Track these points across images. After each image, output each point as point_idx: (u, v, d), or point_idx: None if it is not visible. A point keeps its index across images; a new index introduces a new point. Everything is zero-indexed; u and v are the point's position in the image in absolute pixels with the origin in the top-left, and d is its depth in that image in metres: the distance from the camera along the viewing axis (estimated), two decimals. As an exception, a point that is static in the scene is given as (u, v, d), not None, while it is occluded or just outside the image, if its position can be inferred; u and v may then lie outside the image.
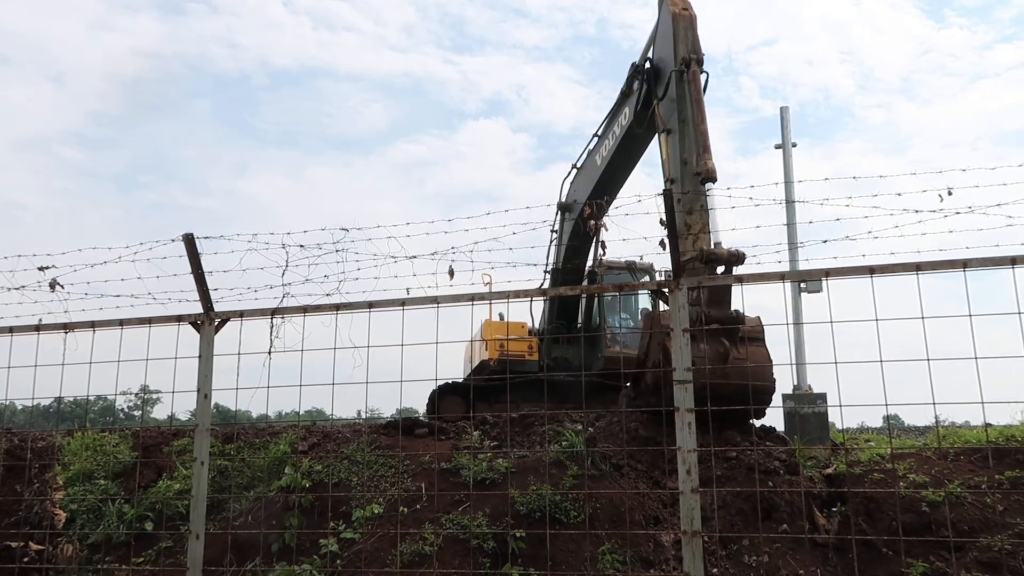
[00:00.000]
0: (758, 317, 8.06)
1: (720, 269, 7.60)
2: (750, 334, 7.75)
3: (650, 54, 10.34)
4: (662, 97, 9.68)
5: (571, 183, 13.27)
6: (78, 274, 7.19)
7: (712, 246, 7.82)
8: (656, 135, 9.85)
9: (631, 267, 13.74)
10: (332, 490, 7.07)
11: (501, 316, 14.70)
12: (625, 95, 10.95)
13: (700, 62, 9.12)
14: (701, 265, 7.59)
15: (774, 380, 7.64)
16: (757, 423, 8.54)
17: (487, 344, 14.48)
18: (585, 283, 13.70)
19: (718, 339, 7.47)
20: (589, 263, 13.69)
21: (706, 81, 9.19)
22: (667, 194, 5.89)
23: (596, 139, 12.25)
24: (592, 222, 8.57)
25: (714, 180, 8.26)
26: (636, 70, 10.50)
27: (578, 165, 13.03)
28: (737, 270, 7.57)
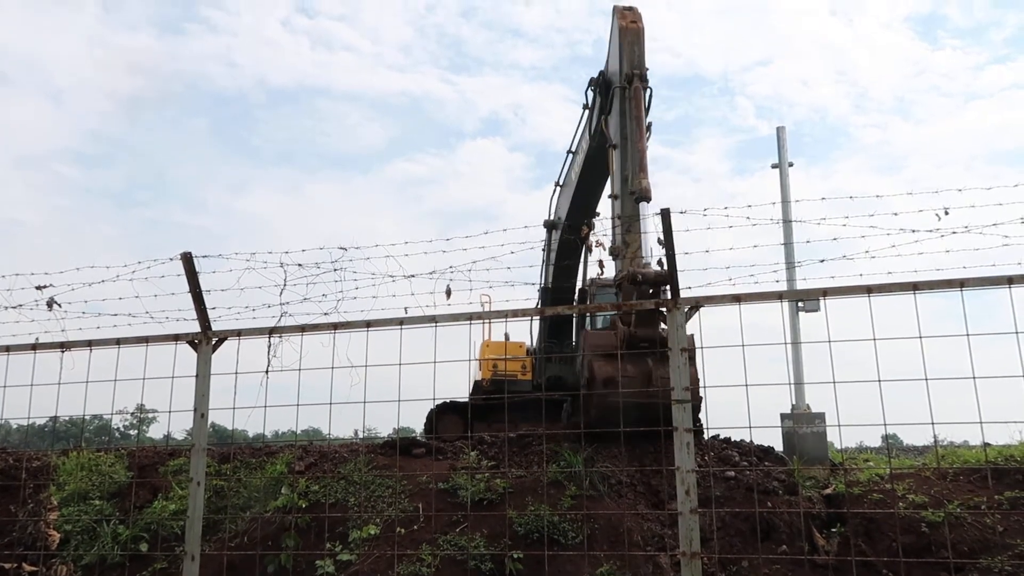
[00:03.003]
0: (691, 336, 8.03)
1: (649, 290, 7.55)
2: (689, 351, 7.72)
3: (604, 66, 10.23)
4: (608, 112, 9.55)
5: (556, 201, 13.29)
6: (76, 292, 7.18)
7: (641, 266, 7.77)
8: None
9: (621, 283, 13.70)
10: (329, 510, 7.03)
11: (507, 336, 14.68)
12: (585, 108, 10.90)
13: (643, 78, 8.98)
14: (631, 286, 7.61)
15: (700, 398, 7.62)
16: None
17: (481, 364, 14.46)
18: (576, 301, 13.65)
19: (643, 359, 7.46)
20: (580, 282, 13.66)
21: (650, 97, 9.05)
22: (665, 214, 5.91)
23: (570, 156, 12.27)
24: (584, 239, 8.58)
25: (648, 199, 8.14)
26: (591, 82, 10.41)
27: (560, 183, 13.04)
28: (737, 289, 7.57)
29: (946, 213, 6.17)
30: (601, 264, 8.92)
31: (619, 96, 9.16)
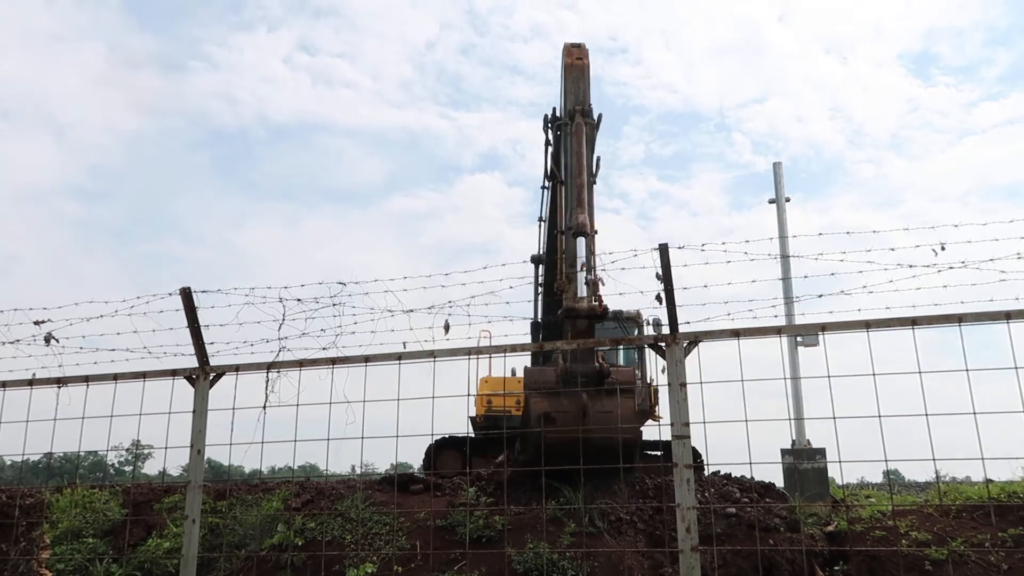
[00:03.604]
0: (631, 369, 8.04)
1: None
2: (617, 386, 7.73)
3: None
4: (555, 148, 9.73)
5: (541, 236, 13.38)
6: (73, 327, 7.18)
7: (577, 301, 7.84)
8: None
9: (617, 317, 13.70)
10: (325, 548, 6.94)
11: (513, 371, 14.60)
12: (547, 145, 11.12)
13: (585, 113, 9.10)
14: (567, 321, 7.66)
15: (639, 433, 7.60)
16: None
17: (476, 400, 14.38)
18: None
19: (578, 394, 7.45)
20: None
21: (594, 131, 9.14)
22: (663, 249, 5.94)
23: (544, 191, 12.44)
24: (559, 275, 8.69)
25: (584, 234, 8.23)
26: (545, 119, 10.59)
27: (543, 217, 13.16)
28: (736, 323, 7.58)
29: (943, 248, 6.20)
30: (600, 300, 8.93)
31: (563, 132, 9.33)
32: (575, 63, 9.54)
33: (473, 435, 14.04)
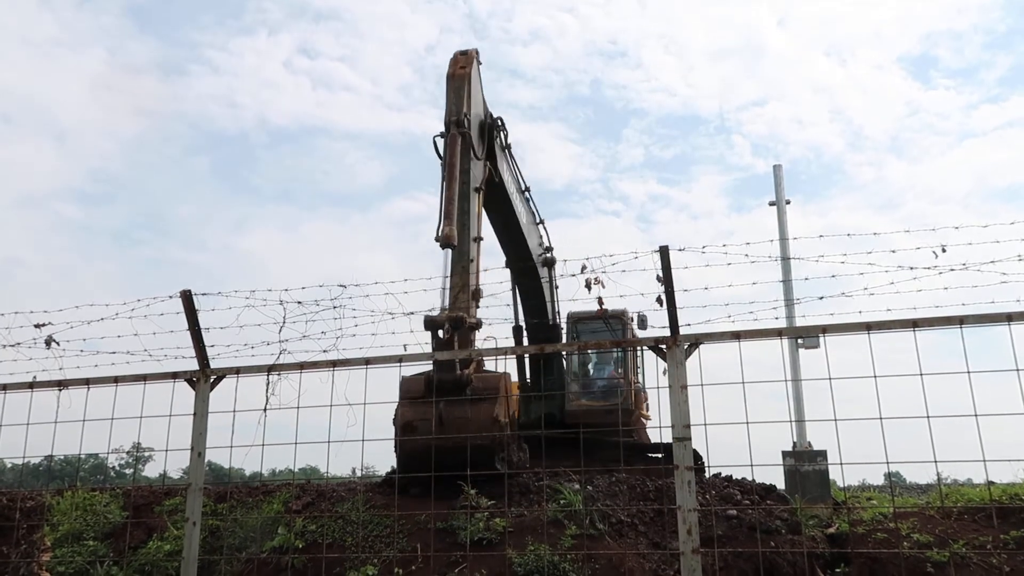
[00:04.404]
0: (502, 374, 8.06)
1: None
2: (479, 394, 7.76)
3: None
4: (441, 156, 9.70)
5: None
6: (74, 331, 7.19)
7: (442, 308, 7.94)
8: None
9: (602, 316, 13.72)
10: (326, 551, 6.93)
11: (518, 373, 14.60)
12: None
13: (459, 124, 9.08)
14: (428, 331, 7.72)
15: (497, 439, 7.60)
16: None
17: None
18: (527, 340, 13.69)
19: (435, 402, 7.50)
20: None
21: (463, 143, 9.13)
22: (663, 251, 5.94)
23: None
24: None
25: (449, 246, 8.31)
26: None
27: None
28: (737, 326, 7.57)
29: (943, 250, 6.21)
30: (601, 302, 8.94)
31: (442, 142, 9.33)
32: (457, 72, 9.53)
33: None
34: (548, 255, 13.15)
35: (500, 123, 10.65)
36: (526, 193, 12.26)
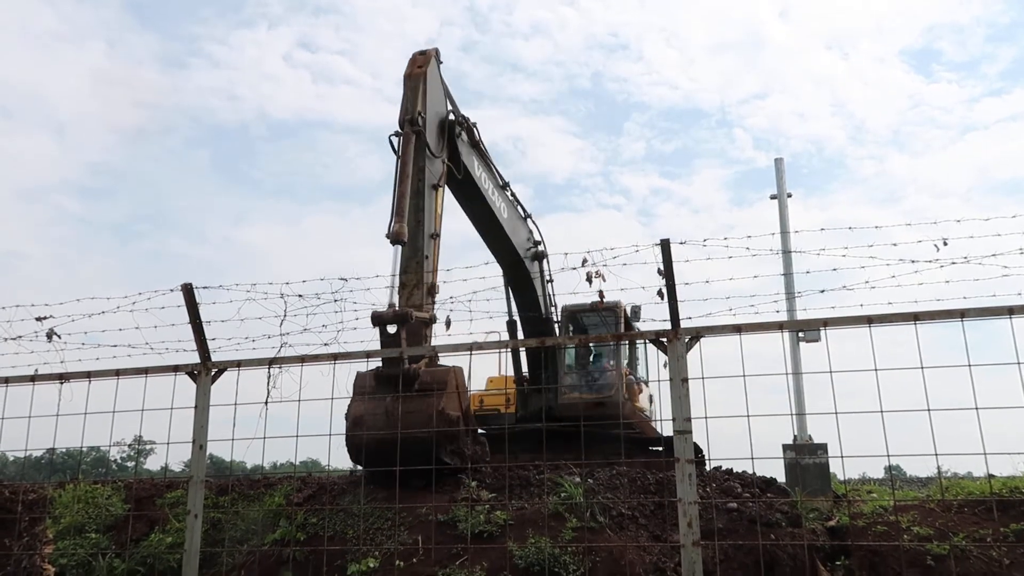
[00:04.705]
0: (451, 368, 8.04)
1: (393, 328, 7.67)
2: (425, 387, 7.77)
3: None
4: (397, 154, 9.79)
5: None
6: (75, 324, 7.20)
7: (389, 306, 7.92)
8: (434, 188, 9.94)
9: (594, 308, 13.73)
10: (327, 543, 6.95)
11: (520, 369, 14.61)
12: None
13: (412, 122, 9.16)
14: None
15: (443, 433, 7.58)
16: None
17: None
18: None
19: (383, 396, 7.54)
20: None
21: (418, 140, 9.18)
22: (665, 244, 5.94)
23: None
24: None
25: (399, 243, 8.34)
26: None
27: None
28: (738, 319, 7.58)
29: (945, 244, 6.21)
30: (602, 294, 8.96)
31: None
32: (413, 72, 9.65)
33: (495, 428, 14.07)
34: (537, 249, 13.19)
35: (462, 121, 10.71)
36: (507, 189, 12.30)
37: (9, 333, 7.15)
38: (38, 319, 7.23)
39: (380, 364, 7.80)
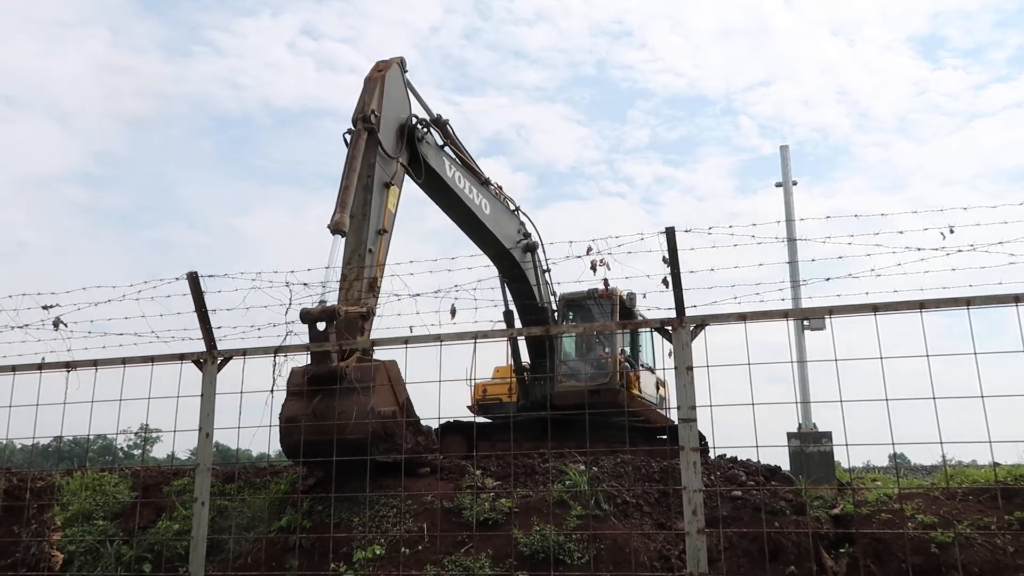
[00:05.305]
0: (382, 363, 7.88)
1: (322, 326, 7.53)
2: (358, 385, 7.58)
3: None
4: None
5: None
6: (82, 312, 7.22)
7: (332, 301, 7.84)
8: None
9: (591, 295, 13.76)
10: (333, 531, 6.99)
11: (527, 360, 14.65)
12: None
13: (365, 119, 9.34)
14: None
15: (376, 430, 7.48)
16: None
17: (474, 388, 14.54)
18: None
19: (326, 395, 7.40)
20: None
21: (370, 138, 9.33)
22: (669, 232, 5.93)
23: None
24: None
25: (338, 234, 8.37)
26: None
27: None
28: (743, 307, 7.56)
29: (951, 231, 6.18)
30: (606, 283, 8.96)
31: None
32: (373, 76, 9.96)
33: (477, 419, 14.14)
34: (528, 240, 13.28)
35: (429, 123, 10.92)
36: (489, 185, 12.34)
37: (16, 321, 7.17)
38: (45, 307, 7.25)
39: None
